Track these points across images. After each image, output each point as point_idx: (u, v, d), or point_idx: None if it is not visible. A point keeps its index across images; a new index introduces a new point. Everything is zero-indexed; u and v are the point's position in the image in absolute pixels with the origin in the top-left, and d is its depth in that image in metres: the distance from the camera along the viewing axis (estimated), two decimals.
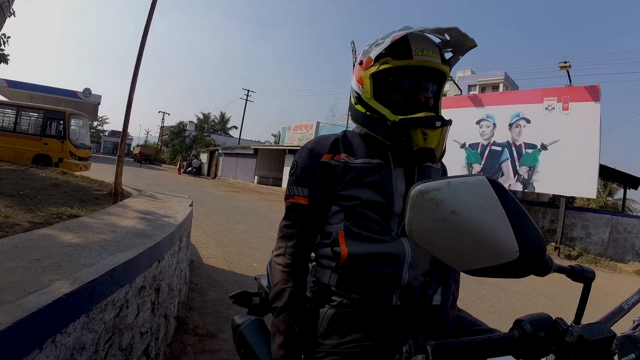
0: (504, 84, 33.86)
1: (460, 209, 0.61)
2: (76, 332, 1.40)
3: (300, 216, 1.20)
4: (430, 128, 1.11)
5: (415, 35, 1.15)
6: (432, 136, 1.12)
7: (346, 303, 1.16)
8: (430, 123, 1.11)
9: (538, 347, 0.68)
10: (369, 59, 1.17)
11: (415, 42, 1.13)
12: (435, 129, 1.12)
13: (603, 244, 12.85)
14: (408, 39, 1.13)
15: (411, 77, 1.16)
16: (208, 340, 3.14)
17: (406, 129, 1.11)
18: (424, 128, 1.11)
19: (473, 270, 0.67)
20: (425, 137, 1.11)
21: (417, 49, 1.12)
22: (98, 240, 2.14)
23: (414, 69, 1.15)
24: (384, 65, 1.14)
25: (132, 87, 5.23)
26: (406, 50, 1.13)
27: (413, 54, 1.12)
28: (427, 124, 1.11)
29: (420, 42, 1.14)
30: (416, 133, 1.11)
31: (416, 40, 1.14)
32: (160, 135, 60.99)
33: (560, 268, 0.68)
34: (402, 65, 1.13)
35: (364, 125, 1.22)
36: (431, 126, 1.11)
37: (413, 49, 1.12)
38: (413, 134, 1.11)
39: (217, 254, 6.23)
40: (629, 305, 1.00)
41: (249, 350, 1.33)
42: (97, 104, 24.68)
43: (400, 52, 1.13)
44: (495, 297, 5.88)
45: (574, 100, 11.97)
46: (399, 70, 1.15)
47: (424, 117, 1.11)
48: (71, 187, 5.32)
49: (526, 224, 0.63)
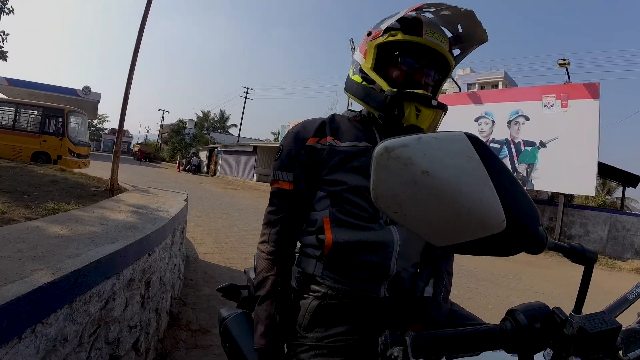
0: (503, 83, 33.83)
1: (433, 169, 0.51)
2: (58, 323, 1.37)
3: (285, 202, 1.17)
4: (425, 105, 1.08)
5: (427, 20, 1.14)
6: (426, 115, 1.09)
7: (331, 294, 1.11)
8: (427, 100, 1.08)
9: (533, 340, 0.60)
10: (379, 30, 1.15)
11: (427, 24, 1.12)
12: (430, 107, 1.09)
13: (602, 241, 12.87)
14: (421, 20, 1.12)
15: (416, 56, 1.14)
16: (200, 335, 3.12)
17: (399, 102, 1.08)
18: (419, 104, 1.08)
19: (454, 245, 0.57)
20: (418, 114, 1.08)
21: (428, 29, 1.11)
22: (87, 232, 2.11)
23: (420, 48, 1.12)
24: (392, 37, 1.12)
25: (128, 83, 5.23)
26: (417, 28, 1.11)
27: (423, 33, 1.10)
28: (423, 100, 1.08)
29: (432, 26, 1.13)
30: (410, 108, 1.08)
31: (428, 23, 1.13)
32: (160, 133, 60.99)
33: (557, 245, 0.59)
34: (409, 41, 1.11)
35: (356, 94, 1.19)
36: (427, 103, 1.08)
37: (424, 29, 1.11)
38: (406, 108, 1.08)
39: (213, 250, 6.20)
40: (634, 296, 0.92)
41: (233, 344, 1.30)
42: (96, 102, 24.59)
43: (411, 28, 1.11)
44: (493, 294, 5.86)
45: (573, 97, 11.98)
46: (405, 45, 1.13)
47: (421, 93, 1.08)
48: (69, 183, 5.30)
49: (514, 189, 0.53)
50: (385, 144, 0.54)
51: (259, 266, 1.17)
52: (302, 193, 1.16)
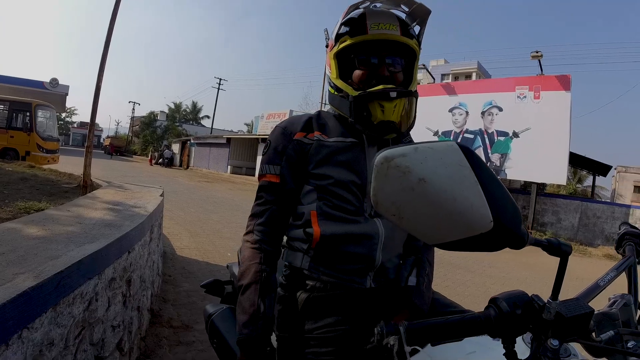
0: (476, 73, 34.33)
1: (429, 177, 0.57)
2: (44, 327, 1.34)
3: (272, 195, 1.19)
4: (386, 100, 1.10)
5: (373, 11, 1.16)
6: (389, 108, 1.10)
7: (319, 287, 1.14)
8: (384, 94, 1.10)
9: (515, 325, 0.66)
10: (331, 40, 1.20)
11: (371, 17, 1.14)
12: (391, 100, 1.10)
13: (573, 228, 13.29)
14: (365, 15, 1.14)
15: (371, 53, 1.16)
16: (183, 332, 3.10)
17: (364, 103, 1.11)
18: (381, 100, 1.10)
19: (445, 243, 0.63)
20: (382, 110, 1.10)
21: (372, 23, 1.13)
22: (65, 233, 2.06)
23: (372, 44, 1.14)
24: (342, 44, 1.15)
25: (100, 75, 5.08)
26: (362, 26, 1.13)
27: (368, 29, 1.12)
28: (381, 96, 1.10)
29: (377, 17, 1.14)
30: (374, 106, 1.10)
31: (372, 15, 1.14)
32: (131, 126, 59.60)
33: (537, 241, 0.66)
34: (358, 41, 1.13)
35: (333, 104, 1.22)
36: (386, 98, 1.10)
37: (368, 24, 1.13)
38: (371, 108, 1.10)
39: (190, 244, 6.15)
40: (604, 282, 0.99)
41: (221, 340, 1.31)
42: (64, 94, 23.75)
43: (357, 29, 1.14)
44: (469, 282, 6.00)
45: (545, 89, 12.26)
46: (357, 47, 1.15)
47: (378, 90, 1.10)
48: (39, 180, 5.15)
49: (500, 192, 0.59)
50: (384, 154, 0.59)
51: (243, 256, 1.18)
52: (288, 186, 1.18)
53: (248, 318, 1.08)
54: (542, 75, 12.87)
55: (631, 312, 0.97)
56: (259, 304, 1.09)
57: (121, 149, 50.35)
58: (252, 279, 1.12)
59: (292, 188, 1.18)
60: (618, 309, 0.92)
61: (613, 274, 1.03)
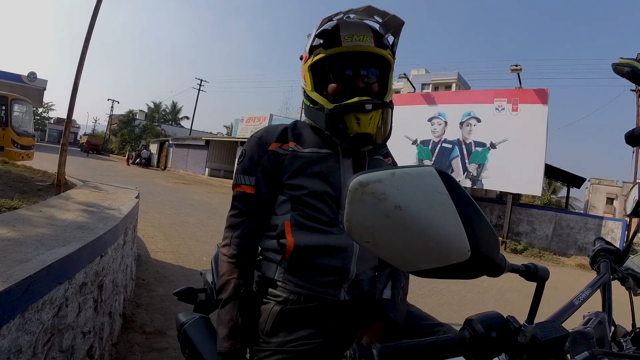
0: (456, 84, 34.90)
1: (405, 204, 0.54)
2: (11, 334, 1.30)
3: (247, 205, 1.19)
4: (361, 112, 1.11)
5: (346, 23, 1.16)
6: (365, 120, 1.11)
7: (292, 299, 1.13)
8: (360, 107, 1.10)
9: (490, 348, 0.66)
10: (306, 52, 1.19)
11: (345, 28, 1.14)
12: (367, 112, 1.11)
13: (547, 238, 13.59)
14: (339, 27, 1.14)
15: (345, 64, 1.16)
16: (156, 338, 3.03)
17: (340, 116, 1.11)
18: (356, 113, 1.10)
19: (421, 271, 0.60)
20: (358, 122, 1.11)
21: (346, 35, 1.13)
22: (35, 234, 2.00)
23: (345, 56, 1.15)
24: (316, 56, 1.15)
25: (79, 71, 4.96)
26: (336, 38, 1.14)
27: (342, 41, 1.13)
28: (357, 108, 1.10)
29: (350, 28, 1.15)
30: (350, 119, 1.11)
31: (346, 27, 1.15)
32: (109, 124, 58.62)
33: (514, 268, 0.64)
34: (332, 54, 1.14)
35: (309, 117, 1.23)
36: (361, 110, 1.11)
37: (342, 36, 1.13)
38: (347, 120, 1.11)
39: (165, 247, 6.04)
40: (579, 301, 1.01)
41: (193, 350, 1.28)
42: (42, 89, 23.15)
43: (330, 41, 1.14)
44: (444, 290, 6.04)
45: (524, 102, 12.53)
46: (331, 59, 1.15)
47: (353, 102, 1.11)
48: (12, 177, 5.00)
49: (478, 221, 0.57)
50: (360, 179, 0.56)
51: (221, 269, 1.17)
52: (263, 197, 1.18)
53: (228, 332, 1.09)
54: (520, 89, 13.14)
55: (605, 329, 0.99)
56: (237, 318, 1.10)
57: (98, 147, 49.40)
58: (231, 294, 1.13)
59: (266, 199, 1.18)
60: (592, 327, 0.93)
61: (588, 292, 1.05)
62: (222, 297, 1.14)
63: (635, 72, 0.98)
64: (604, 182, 24.26)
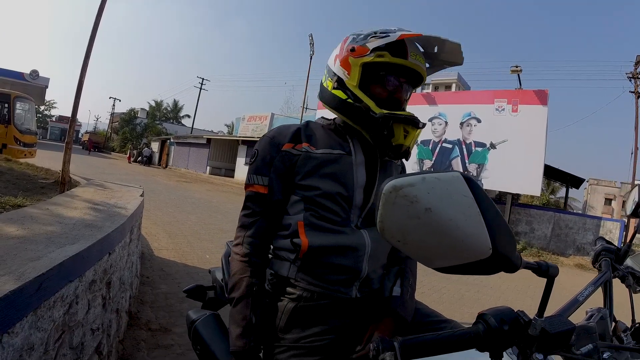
0: (456, 84, 34.87)
1: (435, 206, 0.59)
2: (24, 332, 1.32)
3: (259, 206, 1.20)
4: (412, 127, 1.16)
5: (410, 41, 1.18)
6: (412, 135, 1.17)
7: (306, 296, 1.15)
8: (415, 122, 1.16)
9: (502, 340, 0.69)
10: (365, 47, 1.16)
11: (410, 45, 1.17)
12: (417, 129, 1.17)
13: (546, 238, 13.61)
14: (405, 41, 1.16)
15: (399, 76, 1.19)
16: (161, 335, 3.06)
17: (389, 124, 1.14)
18: (407, 125, 1.15)
19: (444, 267, 0.65)
20: (406, 135, 1.15)
21: (412, 52, 1.16)
22: (44, 232, 2.02)
23: (404, 69, 1.18)
24: (379, 58, 1.15)
25: (83, 70, 5.00)
26: (402, 50, 1.15)
27: (408, 56, 1.15)
28: (410, 122, 1.15)
29: (414, 47, 1.18)
30: (399, 129, 1.14)
31: (411, 44, 1.18)
32: (111, 122, 58.50)
33: (528, 265, 0.70)
34: (397, 63, 1.15)
35: (339, 110, 1.22)
36: (415, 125, 1.16)
37: (409, 51, 1.16)
38: (396, 130, 1.14)
39: (168, 245, 6.08)
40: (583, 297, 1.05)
41: (205, 347, 1.30)
42: (44, 87, 23.12)
43: (397, 50, 1.15)
44: (445, 288, 6.07)
45: (523, 102, 12.55)
46: (391, 67, 1.17)
47: (407, 116, 1.15)
48: (15, 175, 5.02)
49: (499, 222, 0.61)
50: (393, 183, 0.60)
51: (233, 268, 1.18)
52: (276, 197, 1.19)
53: (241, 331, 1.11)
54: (520, 89, 13.16)
55: (607, 324, 1.04)
56: (251, 317, 1.12)
57: (100, 145, 49.48)
58: (244, 293, 1.14)
59: (279, 199, 1.20)
60: (595, 322, 0.97)
61: (591, 289, 1.09)
62: (234, 295, 1.15)
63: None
64: (603, 183, 24.30)
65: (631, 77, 16.52)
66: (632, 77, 16.46)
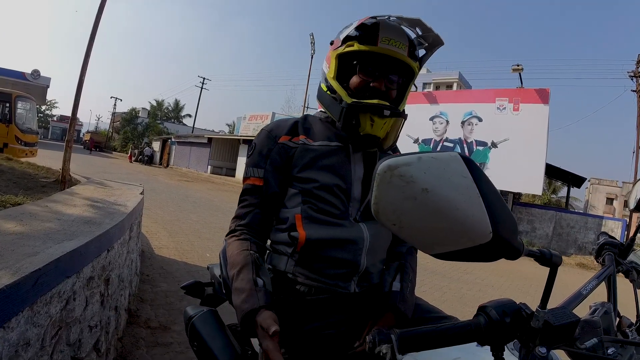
0: (457, 84, 34.84)
1: (432, 187, 0.55)
2: (20, 327, 1.30)
3: (255, 197, 1.19)
4: (377, 115, 1.12)
5: (387, 25, 1.15)
6: (379, 124, 1.13)
7: (304, 291, 1.14)
8: (379, 110, 1.12)
9: (504, 333, 0.67)
10: (338, 39, 1.18)
11: (384, 30, 1.14)
12: (383, 117, 1.12)
13: (547, 237, 13.60)
14: (379, 26, 1.13)
15: (374, 65, 1.16)
16: (160, 333, 3.04)
17: (355, 113, 1.12)
18: (373, 114, 1.11)
19: (443, 253, 0.62)
20: (372, 124, 1.12)
21: (383, 37, 1.13)
22: (43, 229, 2.01)
23: (377, 57, 1.15)
24: (349, 47, 1.15)
25: (83, 69, 5.00)
26: (373, 36, 1.13)
27: (378, 41, 1.13)
28: (375, 110, 1.11)
29: (390, 32, 1.14)
30: (365, 118, 1.12)
31: (386, 29, 1.14)
32: (112, 121, 58.69)
33: (530, 252, 0.66)
34: (365, 50, 1.13)
35: (322, 102, 1.23)
36: (379, 114, 1.12)
37: (380, 37, 1.13)
38: (362, 119, 1.12)
39: (168, 244, 6.06)
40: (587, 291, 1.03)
41: (202, 343, 1.29)
42: (46, 86, 23.17)
43: (367, 37, 1.14)
44: (445, 287, 6.06)
45: (525, 101, 12.55)
46: (363, 55, 1.15)
47: (373, 104, 1.12)
48: (16, 174, 5.00)
49: (499, 205, 0.58)
50: (388, 162, 0.57)
51: (230, 250, 1.15)
52: (272, 190, 1.18)
53: (246, 295, 1.02)
54: (521, 88, 13.16)
55: (611, 319, 1.01)
56: (255, 279, 1.04)
57: (101, 144, 49.57)
58: (244, 262, 1.08)
59: (275, 192, 1.19)
60: (599, 317, 0.95)
61: (595, 282, 1.07)
62: (233, 271, 1.08)
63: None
64: (604, 182, 24.22)
65: (633, 75, 16.48)
66: (634, 75, 16.41)
